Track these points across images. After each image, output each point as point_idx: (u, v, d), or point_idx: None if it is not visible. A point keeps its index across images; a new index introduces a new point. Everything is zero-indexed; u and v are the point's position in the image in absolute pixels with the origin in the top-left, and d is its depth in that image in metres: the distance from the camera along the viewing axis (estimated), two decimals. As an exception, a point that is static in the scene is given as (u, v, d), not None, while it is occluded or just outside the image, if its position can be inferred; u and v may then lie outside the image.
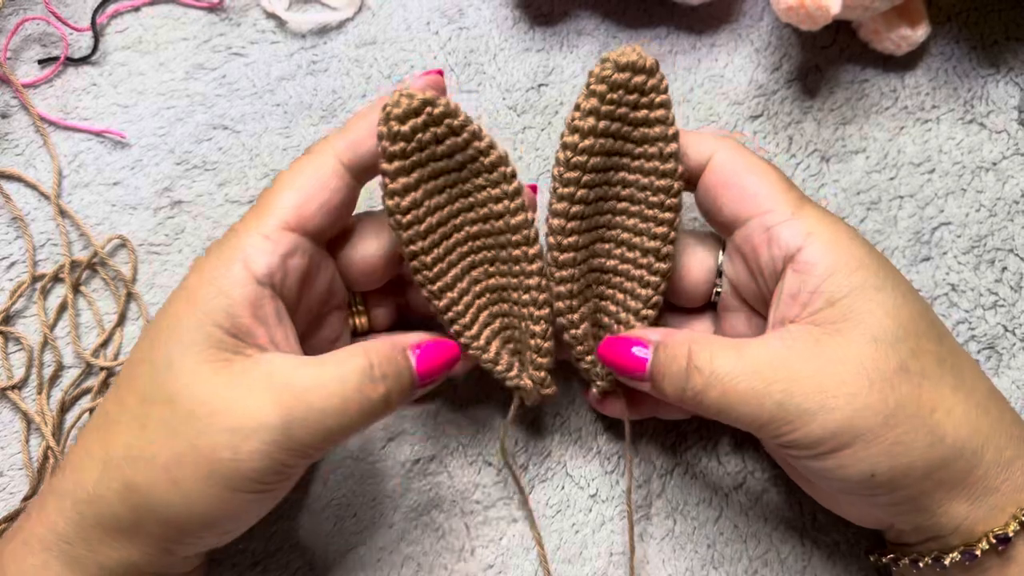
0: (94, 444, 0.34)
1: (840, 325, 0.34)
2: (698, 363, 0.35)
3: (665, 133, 0.37)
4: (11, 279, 0.47)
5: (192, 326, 0.34)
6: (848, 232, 0.36)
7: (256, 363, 0.34)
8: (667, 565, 0.44)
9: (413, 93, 0.35)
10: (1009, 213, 0.48)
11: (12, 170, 0.48)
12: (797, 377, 0.33)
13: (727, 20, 0.51)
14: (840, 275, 0.34)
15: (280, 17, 0.51)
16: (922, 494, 0.34)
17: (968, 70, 0.50)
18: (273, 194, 0.36)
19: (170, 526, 0.33)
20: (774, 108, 0.50)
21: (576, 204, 0.38)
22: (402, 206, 0.37)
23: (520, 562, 0.44)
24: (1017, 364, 0.46)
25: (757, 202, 0.37)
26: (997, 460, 0.34)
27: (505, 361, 0.40)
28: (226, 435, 0.32)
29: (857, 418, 0.33)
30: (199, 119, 0.50)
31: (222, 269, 0.35)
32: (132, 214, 0.48)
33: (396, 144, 0.36)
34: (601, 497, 0.45)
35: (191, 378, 0.33)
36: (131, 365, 0.35)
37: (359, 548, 0.44)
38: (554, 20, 0.51)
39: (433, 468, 0.45)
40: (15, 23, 0.50)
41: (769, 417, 0.34)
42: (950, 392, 0.34)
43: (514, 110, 0.50)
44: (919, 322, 0.35)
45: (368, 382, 0.34)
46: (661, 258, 0.39)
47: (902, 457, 0.33)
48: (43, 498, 0.35)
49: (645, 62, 0.36)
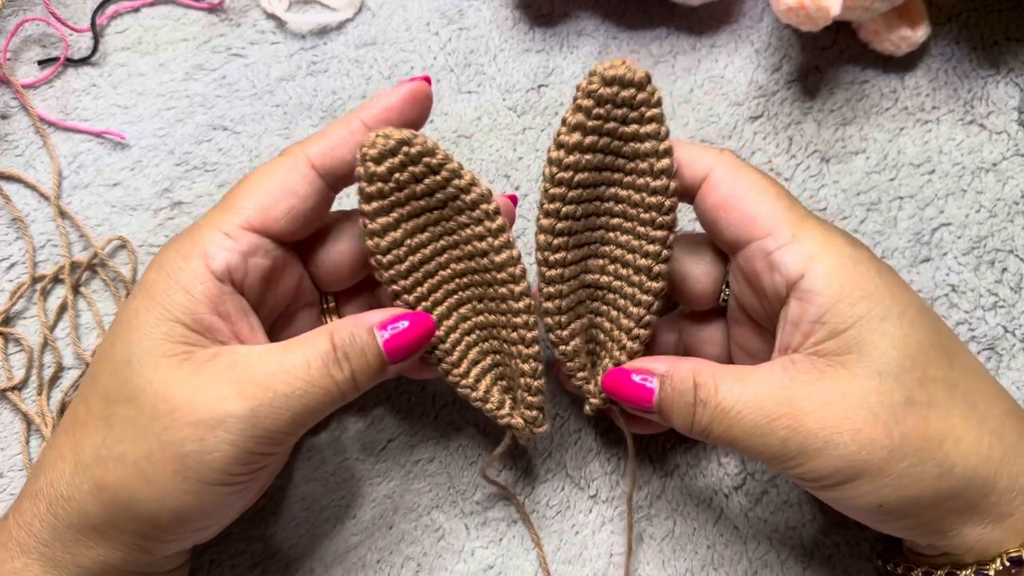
0: (64, 446, 0.34)
1: (844, 357, 0.33)
2: (703, 396, 0.34)
3: (656, 148, 0.36)
4: (11, 280, 0.47)
5: (151, 321, 0.34)
6: (853, 253, 0.35)
7: (217, 354, 0.34)
8: (667, 566, 0.44)
9: (389, 133, 0.35)
10: (1009, 214, 0.48)
11: (12, 171, 0.48)
12: (801, 413, 0.33)
13: (727, 21, 0.51)
14: (843, 304, 0.34)
15: (280, 18, 0.51)
16: (933, 520, 0.34)
17: (968, 71, 0.50)
18: (238, 193, 0.36)
19: (144, 523, 0.33)
20: (774, 109, 0.50)
21: (562, 220, 0.37)
22: (382, 246, 0.36)
23: (520, 563, 0.44)
24: (1017, 365, 0.46)
25: (756, 225, 0.35)
26: (1011, 486, 0.33)
27: (495, 399, 0.39)
28: (191, 428, 0.32)
29: (862, 453, 0.32)
30: (199, 120, 0.50)
31: (182, 264, 0.34)
32: (132, 215, 0.48)
33: (373, 185, 0.35)
34: (601, 498, 0.45)
35: (152, 374, 0.33)
36: (94, 364, 0.35)
37: (359, 549, 0.44)
38: (554, 21, 0.51)
39: (433, 469, 0.45)
40: (15, 24, 0.50)
41: (773, 453, 0.33)
42: (960, 420, 0.33)
43: (514, 111, 0.50)
44: (927, 350, 0.34)
45: (333, 364, 0.34)
46: (653, 277, 0.38)
47: (910, 489, 0.33)
48: (19, 501, 0.35)
49: (634, 75, 0.35)
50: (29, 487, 0.35)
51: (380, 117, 0.37)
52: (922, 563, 0.37)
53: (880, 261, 0.36)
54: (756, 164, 0.49)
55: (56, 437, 0.35)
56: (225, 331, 0.35)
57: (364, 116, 0.37)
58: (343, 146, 0.36)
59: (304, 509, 0.44)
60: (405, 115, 0.37)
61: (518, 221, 0.45)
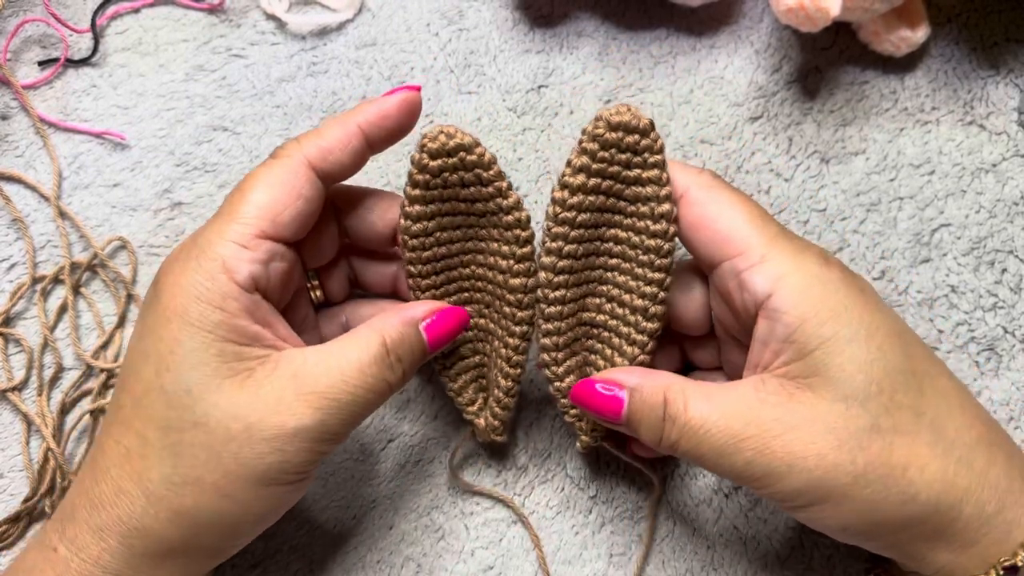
0: (124, 480, 0.34)
1: (811, 380, 0.33)
2: (672, 412, 0.35)
3: (658, 193, 0.36)
4: (11, 281, 0.47)
5: (200, 348, 0.34)
6: (821, 273, 0.35)
7: (276, 365, 0.35)
8: (667, 566, 0.44)
9: (452, 133, 0.36)
10: (1009, 215, 0.48)
11: (12, 172, 0.48)
12: (767, 436, 0.33)
13: (727, 22, 0.51)
14: (810, 324, 0.33)
15: (280, 19, 0.51)
16: (900, 543, 0.34)
17: (968, 72, 0.50)
18: (243, 199, 0.36)
19: (226, 535, 0.35)
20: (774, 109, 0.50)
21: (564, 259, 0.38)
22: (412, 230, 0.38)
23: (520, 563, 0.44)
24: (1017, 366, 0.46)
25: (728, 244, 0.35)
26: (977, 514, 0.33)
27: (468, 396, 0.42)
28: (269, 443, 0.34)
29: (826, 479, 0.33)
30: (199, 120, 0.50)
31: (208, 283, 0.34)
32: (132, 216, 0.48)
33: (422, 175, 0.37)
34: (601, 498, 0.45)
35: (217, 397, 0.34)
36: (135, 396, 0.35)
37: (359, 549, 0.44)
38: (554, 21, 0.51)
39: (433, 469, 0.45)
40: (15, 24, 0.50)
41: (739, 473, 0.34)
42: (925, 448, 0.33)
43: (514, 111, 0.50)
44: (895, 376, 0.34)
45: (386, 368, 0.36)
46: (648, 318, 0.38)
47: (874, 514, 0.33)
48: (74, 535, 0.34)
49: (639, 122, 0.35)
50: (86, 521, 0.34)
51: (376, 123, 0.37)
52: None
53: (853, 279, 0.36)
54: (756, 164, 0.49)
55: (105, 470, 0.35)
56: (269, 336, 0.35)
57: (360, 119, 0.37)
58: (339, 148, 0.37)
59: (304, 509, 0.44)
60: (399, 122, 0.38)
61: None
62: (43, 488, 0.44)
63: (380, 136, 0.38)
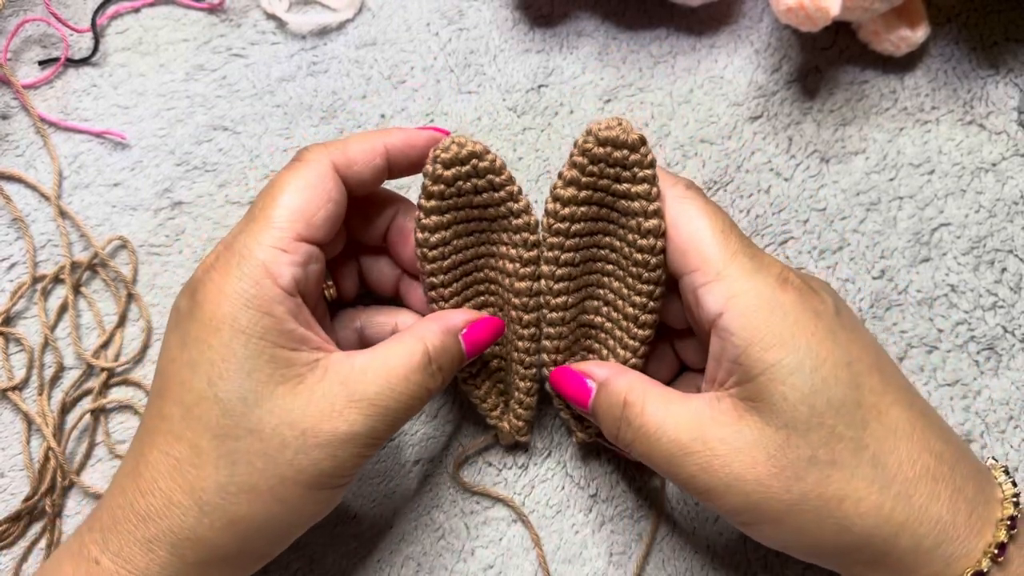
0: (175, 492, 0.34)
1: (757, 404, 0.34)
2: (628, 415, 0.36)
3: (645, 209, 0.36)
4: (12, 280, 0.47)
5: (252, 355, 0.34)
6: (774, 297, 0.34)
7: (325, 372, 0.35)
8: (667, 566, 0.44)
9: (463, 143, 0.37)
10: (1009, 214, 0.48)
11: (13, 171, 0.48)
12: (711, 454, 0.34)
13: (727, 21, 0.51)
14: (754, 350, 0.34)
15: (280, 18, 0.51)
16: (843, 565, 0.35)
17: (968, 71, 0.50)
18: (274, 203, 0.36)
19: (277, 539, 0.36)
20: (774, 109, 0.50)
21: (562, 267, 0.39)
22: (430, 241, 0.39)
23: (520, 562, 0.44)
24: (1016, 365, 0.46)
25: (687, 259, 0.36)
26: (914, 547, 0.33)
27: (492, 401, 0.43)
28: (322, 449, 0.34)
29: (763, 504, 0.34)
30: (199, 120, 0.50)
31: (253, 289, 0.34)
32: (132, 215, 0.48)
33: (436, 185, 0.37)
34: (601, 497, 0.45)
35: (272, 404, 0.34)
36: (186, 405, 0.34)
37: (359, 549, 0.44)
38: (554, 21, 0.51)
39: (433, 469, 0.45)
40: (16, 24, 0.50)
41: (685, 483, 0.35)
42: (863, 483, 0.33)
43: (514, 111, 0.50)
44: (838, 408, 0.33)
45: (428, 376, 0.37)
46: (640, 325, 0.39)
47: (809, 538, 0.34)
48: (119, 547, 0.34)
49: (628, 137, 0.35)
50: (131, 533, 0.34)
51: (402, 149, 0.39)
52: None
53: (810, 304, 0.35)
54: (756, 164, 0.49)
55: (153, 481, 0.34)
56: (314, 338, 0.36)
57: (388, 141, 0.38)
58: (364, 164, 0.38)
59: (304, 509, 0.44)
60: (423, 156, 0.38)
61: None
62: (43, 487, 0.44)
63: (402, 163, 0.39)
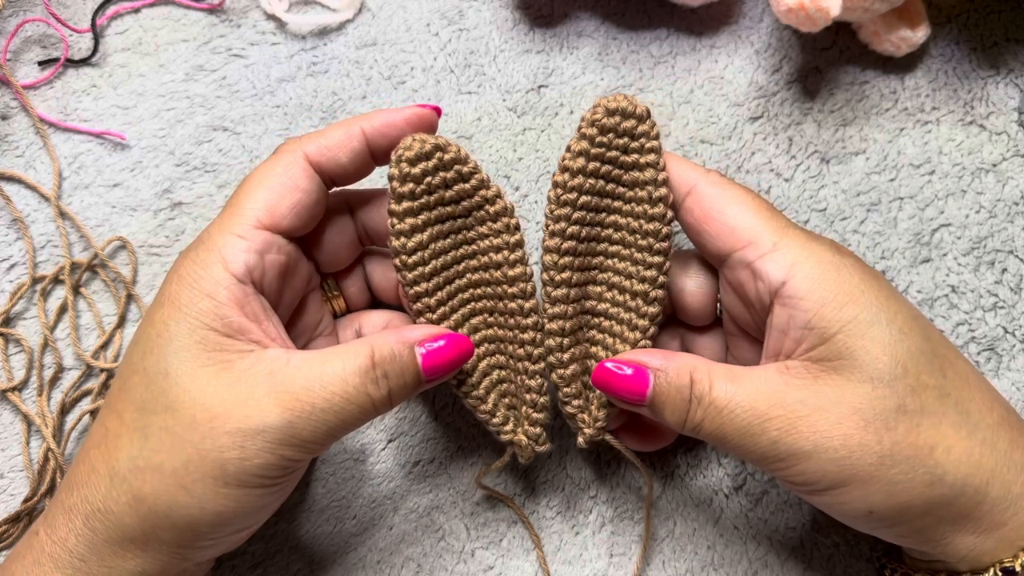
0: (98, 460, 0.34)
1: (836, 363, 0.33)
2: (698, 393, 0.35)
3: (655, 177, 0.37)
4: (11, 281, 0.47)
5: (184, 333, 0.34)
6: (836, 259, 0.35)
7: (256, 361, 0.34)
8: (667, 566, 0.44)
9: (425, 138, 0.36)
10: (1009, 214, 0.48)
11: (12, 172, 0.48)
12: (793, 416, 0.33)
13: (727, 22, 0.51)
14: (829, 308, 0.34)
15: (280, 19, 0.51)
16: (925, 528, 0.34)
17: (968, 72, 0.50)
18: (243, 194, 0.36)
19: (184, 531, 0.34)
20: (774, 109, 0.50)
21: (567, 240, 0.38)
22: (408, 247, 0.37)
23: (520, 563, 0.44)
24: (1017, 366, 0.46)
25: (737, 236, 0.36)
26: (1004, 495, 0.33)
27: (501, 415, 0.39)
28: (230, 436, 0.33)
29: (852, 459, 0.33)
30: (199, 120, 0.50)
31: (201, 272, 0.35)
32: (132, 215, 0.48)
33: (406, 185, 0.36)
34: (601, 498, 0.45)
35: (191, 384, 0.33)
36: (123, 378, 0.35)
37: (359, 549, 0.44)
38: (554, 22, 0.51)
39: (433, 470, 0.45)
40: (15, 25, 0.50)
41: (763, 453, 0.34)
42: (951, 429, 0.33)
43: (514, 111, 0.50)
44: (919, 357, 0.34)
45: (370, 382, 0.34)
46: (649, 302, 0.38)
47: (900, 496, 0.33)
48: (51, 516, 0.35)
49: (635, 108, 0.37)
50: (61, 502, 0.35)
51: (381, 130, 0.37)
52: (919, 568, 0.37)
53: (867, 267, 0.36)
54: (756, 164, 0.49)
55: (86, 452, 0.35)
56: (256, 331, 0.35)
57: (365, 124, 0.37)
58: (340, 148, 0.37)
59: (304, 510, 0.44)
60: (404, 135, 0.37)
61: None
62: (43, 488, 0.44)
63: (384, 145, 0.38)
